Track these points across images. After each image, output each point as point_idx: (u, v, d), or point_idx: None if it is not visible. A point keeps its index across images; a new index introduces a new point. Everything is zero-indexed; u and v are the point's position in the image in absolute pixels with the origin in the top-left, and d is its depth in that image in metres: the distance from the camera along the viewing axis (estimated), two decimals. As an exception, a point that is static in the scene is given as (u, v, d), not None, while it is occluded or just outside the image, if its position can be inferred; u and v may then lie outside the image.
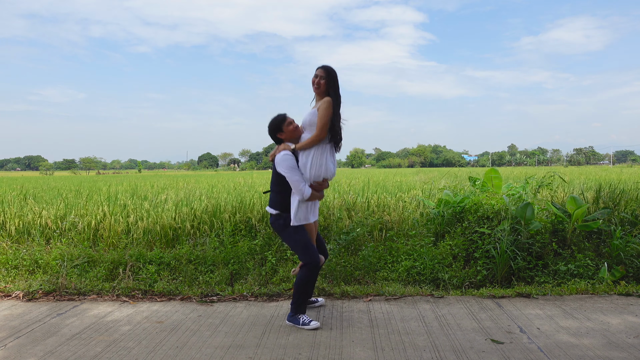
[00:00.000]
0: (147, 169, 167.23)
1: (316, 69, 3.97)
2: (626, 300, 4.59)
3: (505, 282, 5.25)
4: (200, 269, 5.53)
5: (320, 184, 3.99)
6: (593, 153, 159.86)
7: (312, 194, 3.91)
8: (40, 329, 3.99)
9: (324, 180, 4.01)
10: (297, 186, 3.85)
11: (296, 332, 3.85)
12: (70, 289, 5.02)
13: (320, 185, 3.99)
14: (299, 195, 3.87)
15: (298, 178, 3.85)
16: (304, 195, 3.85)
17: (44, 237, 6.86)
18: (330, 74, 3.90)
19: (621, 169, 48.72)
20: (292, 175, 3.85)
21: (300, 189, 3.85)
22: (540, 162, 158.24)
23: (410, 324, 4.01)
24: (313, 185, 3.94)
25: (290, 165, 3.86)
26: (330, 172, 3.99)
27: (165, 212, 7.32)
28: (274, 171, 4.03)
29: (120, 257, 5.70)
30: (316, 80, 3.91)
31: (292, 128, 3.99)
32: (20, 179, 34.25)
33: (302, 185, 3.85)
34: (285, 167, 3.86)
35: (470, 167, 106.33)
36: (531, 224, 5.55)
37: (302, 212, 3.94)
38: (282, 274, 5.31)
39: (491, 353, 3.40)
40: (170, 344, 3.64)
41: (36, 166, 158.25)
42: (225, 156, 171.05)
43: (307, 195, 3.86)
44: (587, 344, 3.53)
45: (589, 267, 5.21)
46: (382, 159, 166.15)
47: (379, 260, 5.60)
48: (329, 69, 3.93)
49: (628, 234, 5.67)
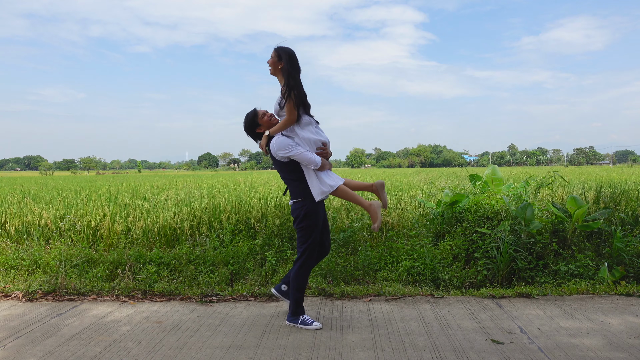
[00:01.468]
0: (147, 169, 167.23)
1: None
2: (627, 300, 4.58)
3: (505, 282, 5.24)
4: (200, 269, 5.52)
5: (323, 150, 3.96)
6: (593, 153, 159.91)
7: (323, 161, 3.88)
8: (39, 329, 3.98)
9: (324, 145, 3.98)
10: (306, 157, 3.81)
11: (296, 332, 3.84)
12: (70, 289, 5.01)
13: (324, 151, 3.97)
14: (312, 165, 3.81)
15: (302, 150, 3.82)
16: (316, 163, 3.81)
17: (44, 237, 6.85)
18: (279, 53, 3.90)
19: (621, 169, 48.72)
20: (296, 151, 3.82)
21: (310, 158, 3.80)
22: (541, 162, 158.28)
23: (410, 324, 4.00)
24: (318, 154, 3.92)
25: (288, 144, 3.83)
26: (321, 136, 3.98)
27: (165, 212, 7.32)
28: (277, 164, 4.00)
29: (119, 257, 5.70)
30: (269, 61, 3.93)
31: (267, 118, 4.00)
32: (19, 179, 34.25)
33: (310, 155, 3.82)
34: (285, 147, 3.83)
35: (470, 167, 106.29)
36: (531, 224, 5.54)
37: (322, 183, 3.88)
38: (282, 274, 5.30)
39: (491, 353, 3.39)
40: (170, 344, 3.63)
41: (36, 166, 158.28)
42: (225, 156, 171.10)
43: (318, 161, 3.82)
44: (588, 344, 3.53)
45: (589, 267, 5.20)
46: (382, 159, 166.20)
47: (379, 260, 5.60)
48: (279, 48, 3.93)
49: (628, 234, 5.66)
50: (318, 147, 3.94)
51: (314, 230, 3.93)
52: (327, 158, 4.03)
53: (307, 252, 3.94)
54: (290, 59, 3.89)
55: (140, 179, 30.34)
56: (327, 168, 3.97)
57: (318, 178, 3.89)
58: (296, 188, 3.96)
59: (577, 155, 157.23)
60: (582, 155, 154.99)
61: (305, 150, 3.84)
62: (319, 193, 3.87)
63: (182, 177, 32.72)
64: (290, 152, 3.82)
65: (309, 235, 3.92)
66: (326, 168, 3.96)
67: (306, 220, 3.91)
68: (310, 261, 3.97)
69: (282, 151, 3.83)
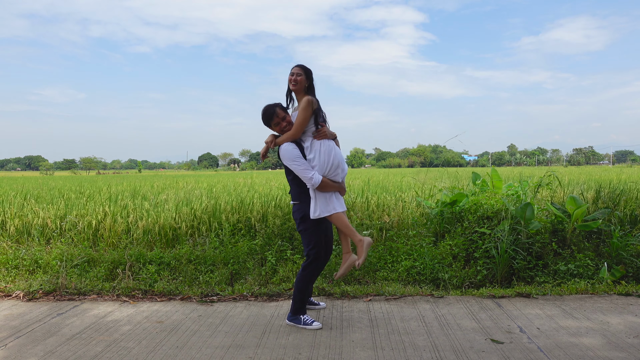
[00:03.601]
0: (147, 169, 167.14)
1: (292, 68, 3.97)
2: (626, 300, 4.59)
3: (505, 282, 5.25)
4: (200, 269, 5.53)
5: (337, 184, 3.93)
6: (593, 153, 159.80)
7: (326, 183, 3.81)
8: (40, 329, 3.99)
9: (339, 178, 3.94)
10: (305, 175, 3.78)
11: (296, 332, 3.85)
12: (71, 289, 5.02)
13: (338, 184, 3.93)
14: (308, 184, 3.79)
15: (303, 167, 3.79)
16: (313, 183, 3.76)
17: (44, 237, 6.86)
18: (306, 71, 3.93)
19: (621, 169, 48.66)
20: (297, 165, 3.81)
21: (309, 177, 3.76)
22: (540, 162, 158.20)
23: (410, 323, 4.01)
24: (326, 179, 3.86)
25: (291, 157, 3.82)
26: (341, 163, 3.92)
27: (165, 212, 7.33)
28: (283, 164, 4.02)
29: (120, 257, 5.71)
30: (292, 78, 3.91)
31: (279, 129, 3.95)
32: (20, 179, 34.22)
33: (310, 173, 3.77)
34: (287, 158, 3.83)
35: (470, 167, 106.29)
36: (531, 224, 5.55)
37: (321, 203, 3.82)
38: (282, 274, 5.32)
39: (491, 353, 3.40)
40: (171, 344, 3.64)
41: (36, 166, 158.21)
42: (225, 156, 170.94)
43: (316, 181, 3.75)
44: (587, 344, 3.54)
45: (588, 267, 5.21)
46: (382, 159, 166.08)
47: (379, 260, 5.61)
48: (306, 67, 3.96)
49: (628, 233, 5.67)
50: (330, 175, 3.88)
51: (314, 232, 3.91)
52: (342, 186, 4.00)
53: (313, 256, 3.92)
54: (312, 78, 3.97)
55: (141, 179, 30.32)
56: (331, 190, 3.88)
57: (317, 197, 3.84)
58: (295, 190, 3.98)
59: (576, 155, 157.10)
60: (582, 155, 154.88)
61: (306, 167, 3.81)
62: (314, 212, 3.84)
63: (182, 177, 32.71)
64: (292, 165, 3.83)
65: (310, 238, 3.92)
66: (330, 190, 3.87)
67: (304, 224, 3.93)
68: (318, 264, 3.95)
69: (287, 161, 3.86)
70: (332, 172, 3.86)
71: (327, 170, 3.84)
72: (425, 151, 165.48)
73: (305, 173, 3.78)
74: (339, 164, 3.88)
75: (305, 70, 3.93)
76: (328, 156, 3.84)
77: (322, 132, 3.88)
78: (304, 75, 3.90)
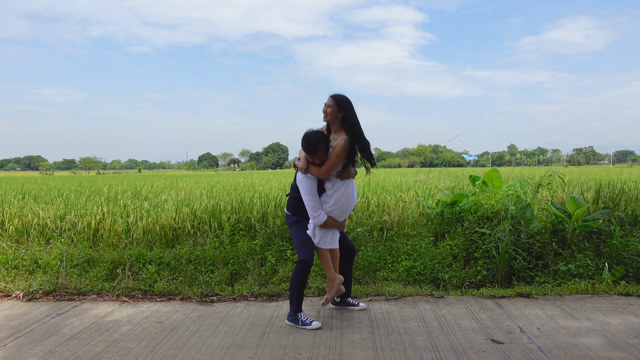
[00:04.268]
0: (147, 169, 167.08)
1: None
2: (626, 300, 4.59)
3: (505, 282, 5.25)
4: (200, 269, 5.53)
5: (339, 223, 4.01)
6: (593, 153, 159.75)
7: (329, 222, 3.92)
8: (40, 329, 3.99)
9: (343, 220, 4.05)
10: (312, 211, 3.88)
11: (296, 332, 3.85)
12: (70, 289, 5.02)
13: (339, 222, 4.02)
14: (312, 220, 3.91)
15: (314, 204, 3.87)
16: (316, 221, 3.89)
17: (44, 237, 6.86)
18: (338, 102, 3.86)
19: (621, 169, 48.66)
20: (309, 200, 3.87)
21: (315, 215, 3.87)
22: (540, 162, 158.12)
23: (410, 324, 4.01)
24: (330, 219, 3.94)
25: (307, 189, 3.88)
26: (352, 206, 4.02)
27: (165, 212, 7.32)
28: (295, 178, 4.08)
29: (120, 257, 5.70)
30: (324, 109, 3.91)
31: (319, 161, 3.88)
32: (20, 179, 34.22)
33: (318, 212, 3.87)
34: (302, 189, 3.90)
35: (470, 167, 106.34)
36: (531, 224, 5.54)
37: (319, 232, 3.97)
38: (282, 274, 5.31)
39: (491, 353, 3.40)
40: (170, 344, 3.64)
41: (36, 166, 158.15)
42: (225, 156, 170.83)
43: (320, 221, 3.89)
44: (587, 344, 3.53)
45: (589, 267, 5.21)
46: (382, 159, 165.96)
47: (379, 260, 5.60)
48: (338, 97, 3.88)
49: (628, 233, 5.67)
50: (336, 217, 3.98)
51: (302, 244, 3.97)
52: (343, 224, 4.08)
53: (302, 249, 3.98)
54: (350, 108, 3.88)
55: (141, 179, 30.32)
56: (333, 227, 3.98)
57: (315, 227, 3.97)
58: (293, 204, 4.08)
59: (576, 155, 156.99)
60: (582, 155, 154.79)
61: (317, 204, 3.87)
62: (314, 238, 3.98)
63: (182, 177, 32.71)
64: (304, 196, 3.89)
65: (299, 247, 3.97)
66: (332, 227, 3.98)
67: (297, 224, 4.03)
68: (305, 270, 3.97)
69: (301, 189, 3.91)
70: (340, 214, 3.98)
71: (337, 212, 3.95)
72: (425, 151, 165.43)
73: (313, 211, 3.87)
74: (348, 208, 3.99)
75: (337, 101, 3.87)
76: (345, 199, 3.94)
77: (346, 174, 3.95)
78: (335, 107, 3.85)
